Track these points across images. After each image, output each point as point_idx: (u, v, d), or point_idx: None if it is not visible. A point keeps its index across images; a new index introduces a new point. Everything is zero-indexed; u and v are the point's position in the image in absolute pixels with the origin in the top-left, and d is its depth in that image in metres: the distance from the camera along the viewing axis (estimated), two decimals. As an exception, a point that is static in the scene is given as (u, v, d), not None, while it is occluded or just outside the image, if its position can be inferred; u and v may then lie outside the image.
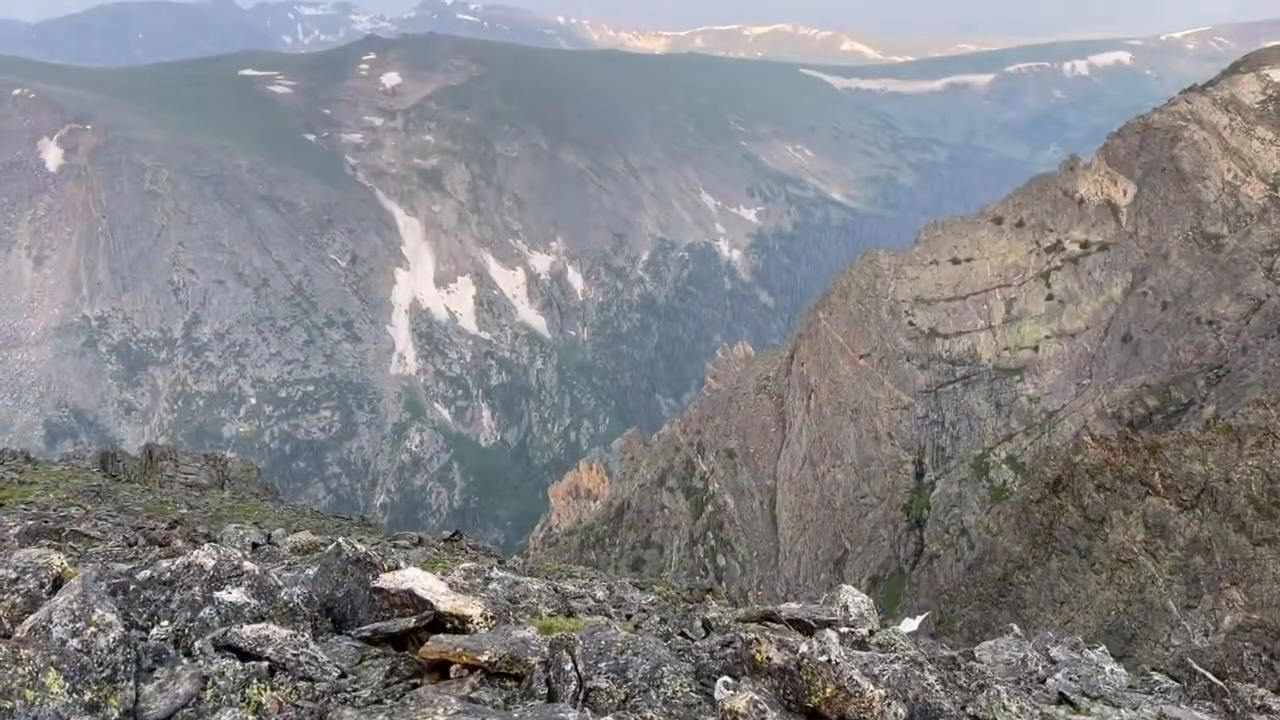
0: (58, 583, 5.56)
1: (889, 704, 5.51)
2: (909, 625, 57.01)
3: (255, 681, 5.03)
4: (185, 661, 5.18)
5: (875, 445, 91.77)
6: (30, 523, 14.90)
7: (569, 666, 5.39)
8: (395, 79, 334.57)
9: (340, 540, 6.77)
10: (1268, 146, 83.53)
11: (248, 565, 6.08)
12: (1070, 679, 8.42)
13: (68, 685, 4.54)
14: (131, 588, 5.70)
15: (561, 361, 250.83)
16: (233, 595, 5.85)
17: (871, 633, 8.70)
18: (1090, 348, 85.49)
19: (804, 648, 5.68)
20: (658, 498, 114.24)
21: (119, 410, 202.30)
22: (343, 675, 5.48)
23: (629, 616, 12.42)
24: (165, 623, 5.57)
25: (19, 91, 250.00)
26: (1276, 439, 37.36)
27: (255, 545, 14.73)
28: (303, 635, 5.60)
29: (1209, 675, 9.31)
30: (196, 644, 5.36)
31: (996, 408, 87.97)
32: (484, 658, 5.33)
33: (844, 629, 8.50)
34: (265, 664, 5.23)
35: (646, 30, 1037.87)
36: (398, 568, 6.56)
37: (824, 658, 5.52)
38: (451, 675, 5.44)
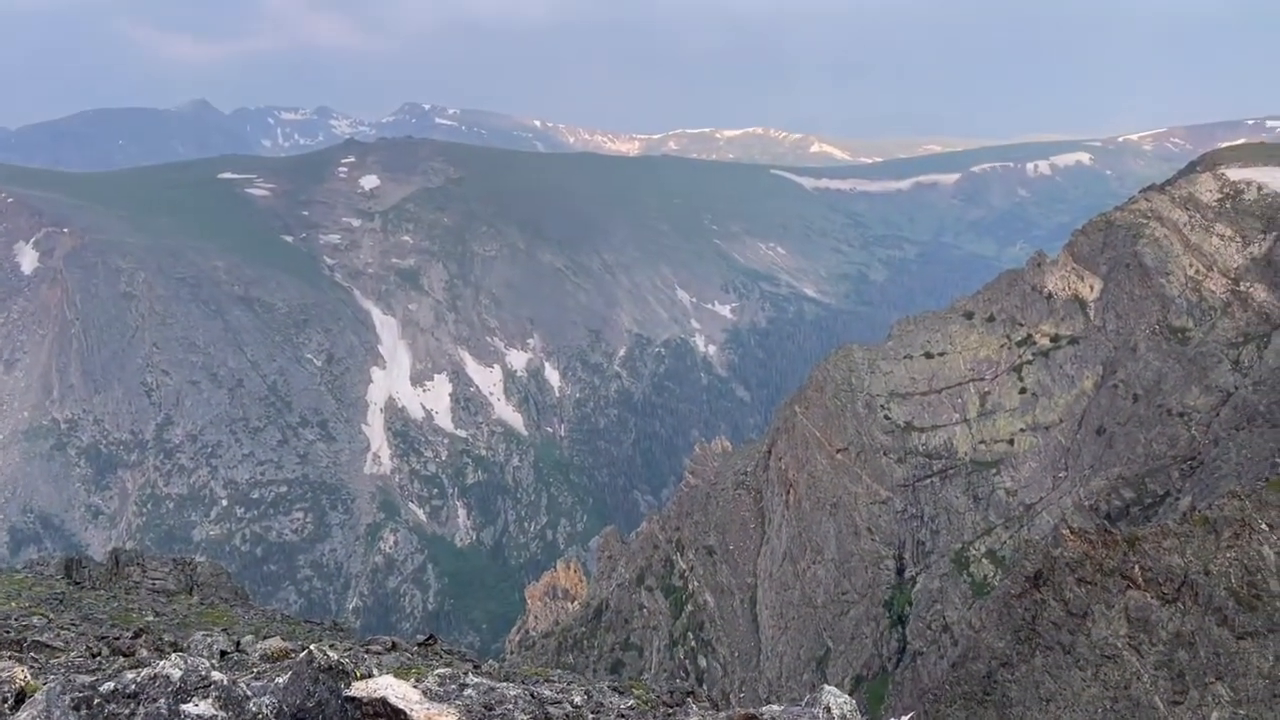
0: (20, 697, 5.41)
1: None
2: (894, 726, 55.84)
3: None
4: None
5: (855, 540, 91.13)
6: (-10, 633, 14.48)
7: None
8: (374, 181, 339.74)
9: (312, 647, 6.63)
10: (1227, 243, 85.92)
11: (215, 675, 5.94)
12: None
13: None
14: (96, 701, 5.55)
15: (538, 459, 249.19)
16: (199, 708, 5.70)
17: (854, 736, 8.53)
18: (1065, 440, 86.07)
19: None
20: (636, 597, 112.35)
21: (86, 514, 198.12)
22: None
23: (607, 722, 12.13)
24: (129, 738, 5.41)
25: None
26: (1253, 531, 37.48)
27: (224, 653, 14.35)
28: (271, 748, 5.46)
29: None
30: (161, 760, 5.21)
31: (974, 501, 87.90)
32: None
33: (826, 732, 8.33)
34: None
35: (621, 134, 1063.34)
36: (370, 675, 6.44)
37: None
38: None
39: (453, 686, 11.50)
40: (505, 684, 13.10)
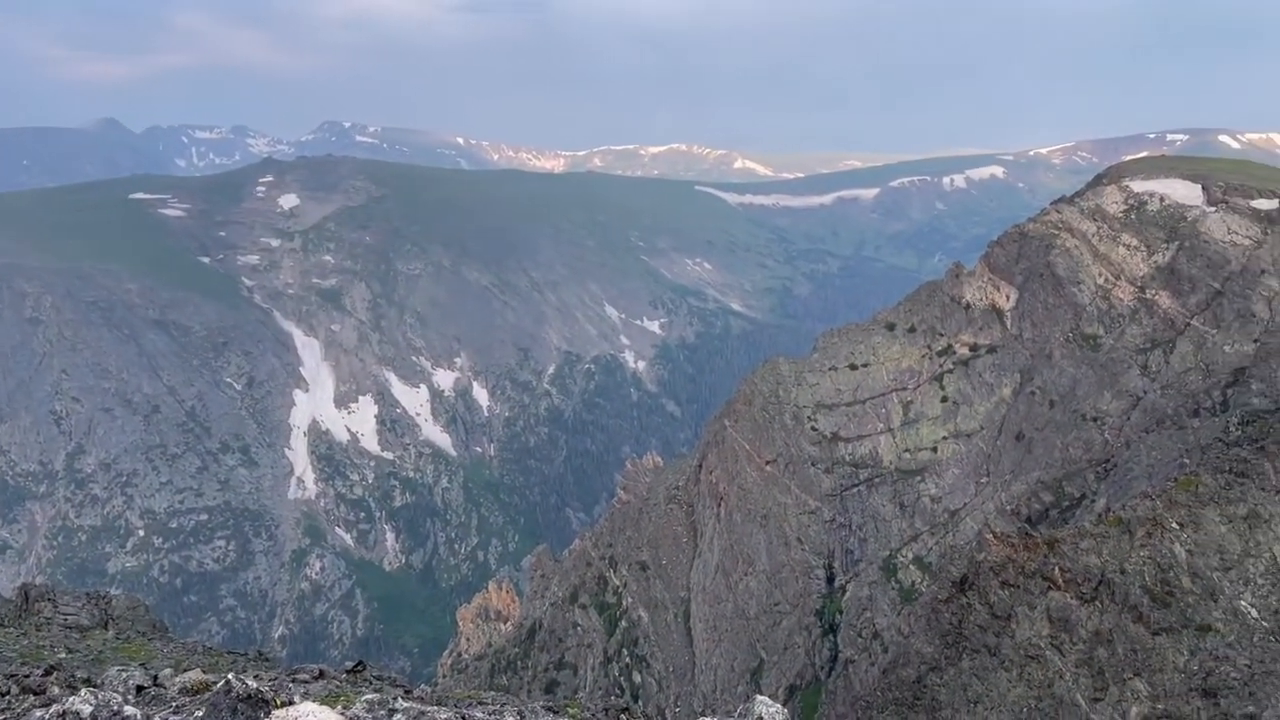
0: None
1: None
2: (828, 735, 56.37)
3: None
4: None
5: (786, 551, 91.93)
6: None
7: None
8: (293, 200, 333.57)
9: (230, 677, 6.43)
10: (1133, 252, 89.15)
11: (129, 710, 5.72)
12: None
13: None
14: (-2, 743, 5.30)
15: (468, 479, 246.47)
16: (112, 744, 5.47)
17: (787, 744, 8.57)
18: (986, 447, 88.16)
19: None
20: (570, 615, 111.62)
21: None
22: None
23: (541, 742, 12.03)
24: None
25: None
26: (1164, 529, 38.79)
27: (140, 688, 13.82)
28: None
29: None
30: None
31: (901, 509, 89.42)
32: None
33: (759, 742, 8.36)
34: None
35: (546, 151, 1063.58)
36: (291, 703, 6.26)
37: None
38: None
39: (381, 713, 11.26)
40: (436, 708, 12.87)
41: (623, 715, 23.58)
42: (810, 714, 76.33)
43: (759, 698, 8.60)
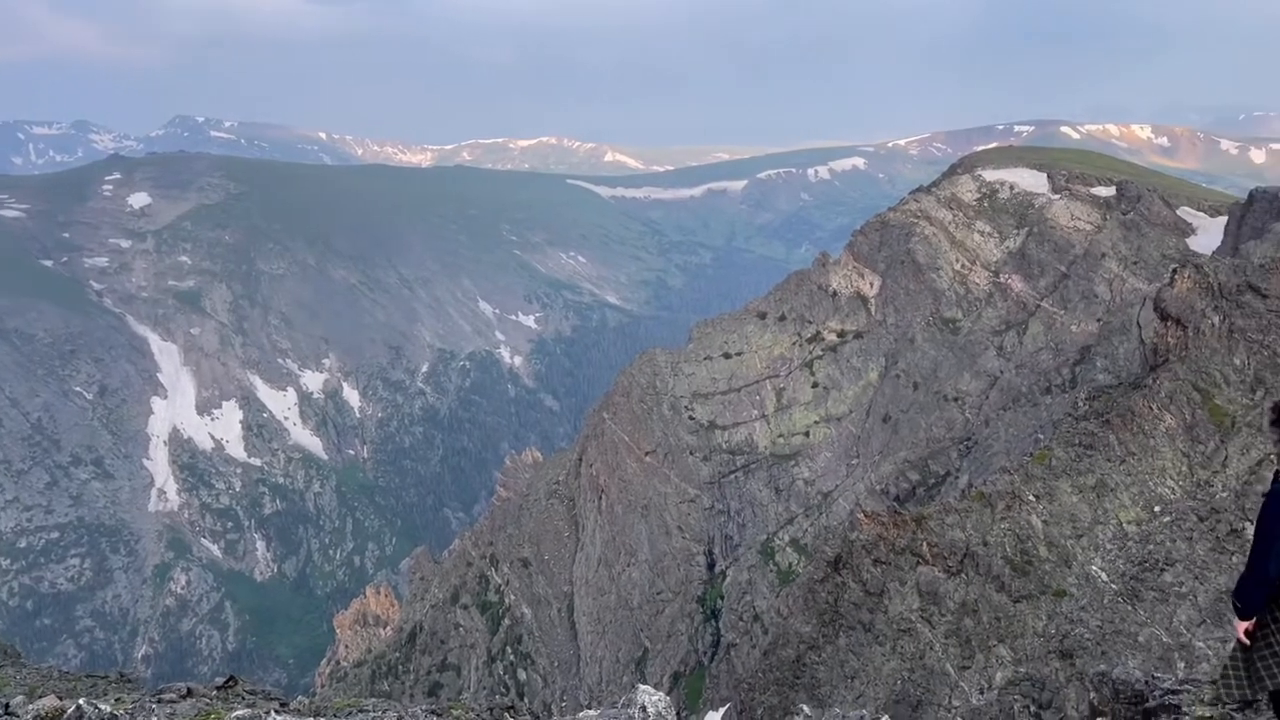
0: None
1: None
2: (712, 719, 57.18)
3: None
4: None
5: (667, 540, 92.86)
6: None
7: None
8: (144, 199, 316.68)
9: (81, 701, 6.02)
10: (987, 238, 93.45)
11: (-33, 749, 5.27)
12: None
13: None
14: None
15: (341, 483, 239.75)
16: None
17: (673, 733, 8.60)
18: (855, 429, 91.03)
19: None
20: (452, 617, 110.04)
21: None
22: None
23: (424, 749, 11.76)
24: None
25: None
26: (1022, 502, 40.82)
27: (-15, 722, 12.87)
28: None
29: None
30: None
31: (776, 493, 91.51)
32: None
33: (646, 733, 8.36)
34: None
35: (412, 145, 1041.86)
36: (153, 729, 5.90)
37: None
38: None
39: (254, 730, 10.79)
40: (314, 719, 12.42)
41: (507, 714, 23.33)
42: (695, 699, 77.40)
43: (642, 687, 8.59)
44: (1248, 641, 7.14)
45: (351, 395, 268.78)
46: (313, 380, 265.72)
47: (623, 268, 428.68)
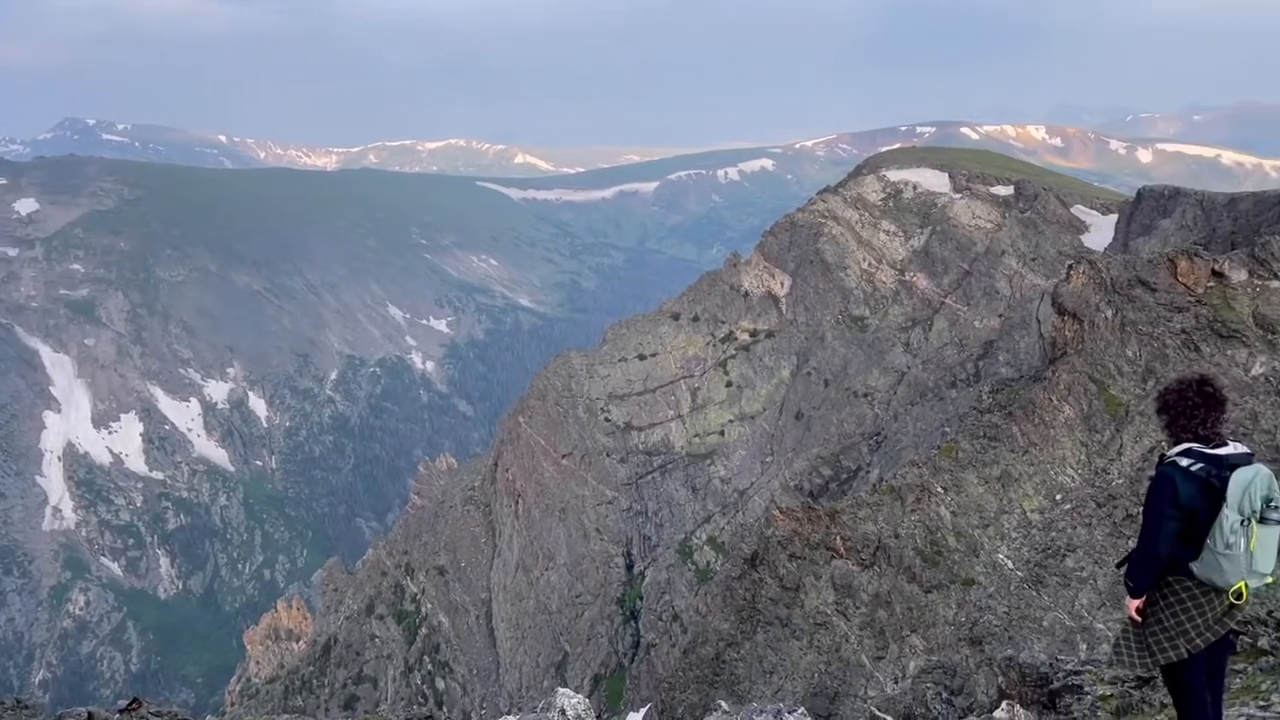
0: None
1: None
2: (633, 719, 57.23)
3: None
4: None
5: (585, 543, 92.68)
6: None
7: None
8: (31, 205, 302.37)
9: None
10: (892, 238, 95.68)
11: None
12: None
13: None
14: None
15: (248, 495, 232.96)
16: None
17: (594, 739, 8.52)
18: (769, 427, 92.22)
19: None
20: (367, 628, 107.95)
21: None
22: None
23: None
24: None
25: None
26: (931, 494, 41.86)
27: None
28: None
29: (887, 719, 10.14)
30: None
31: (693, 492, 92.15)
32: None
33: (566, 741, 8.27)
34: None
35: (317, 148, 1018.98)
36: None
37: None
38: None
39: (156, 757, 10.34)
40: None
41: (426, 726, 22.97)
42: (616, 701, 77.39)
43: (561, 690, 8.50)
44: (1139, 619, 7.45)
45: (258, 405, 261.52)
46: (217, 390, 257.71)
47: (535, 270, 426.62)
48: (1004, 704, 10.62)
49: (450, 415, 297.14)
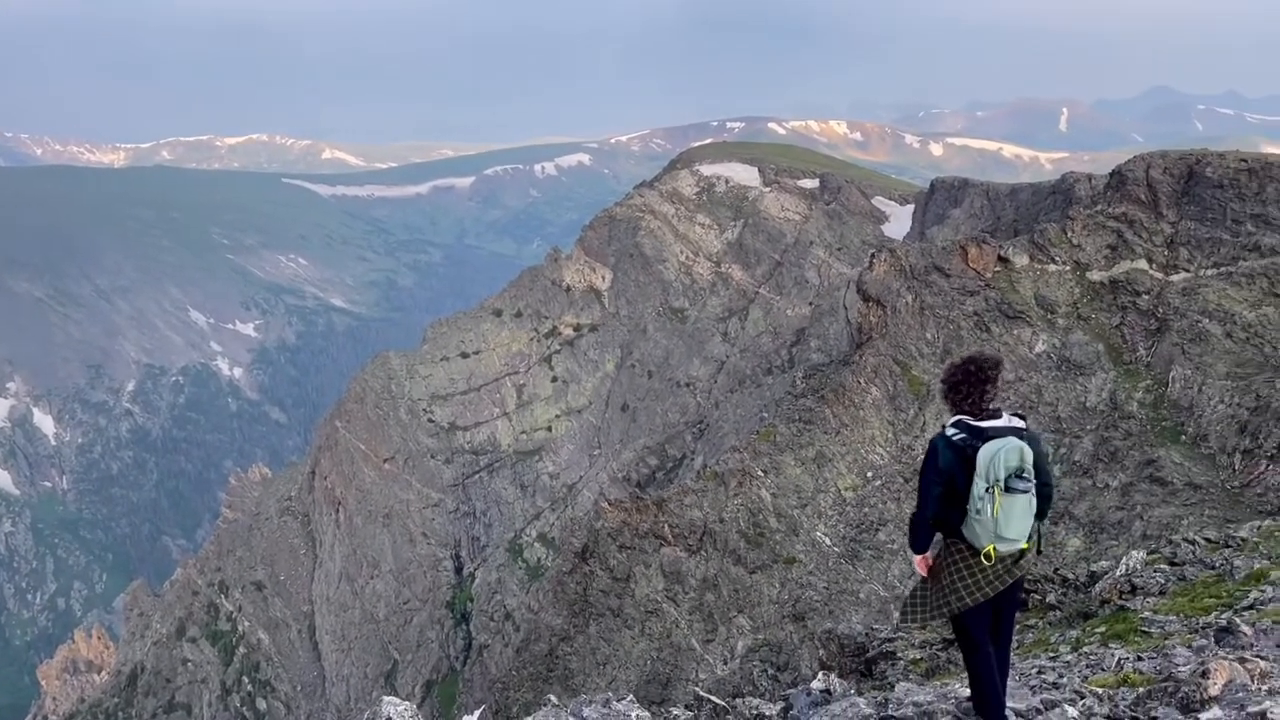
0: None
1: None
2: (469, 723, 56.41)
3: None
4: None
5: (411, 548, 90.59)
6: None
7: None
8: None
9: None
10: (707, 230, 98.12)
11: None
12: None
13: None
14: None
15: (36, 519, 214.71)
16: None
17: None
18: (596, 420, 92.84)
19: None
20: (178, 652, 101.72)
21: None
22: None
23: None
24: None
25: None
26: (752, 478, 43.22)
27: None
28: None
29: (713, 699, 10.43)
30: None
31: (522, 489, 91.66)
32: None
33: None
34: None
35: (102, 144, 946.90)
36: None
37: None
38: None
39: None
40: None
41: (248, 751, 21.91)
42: (449, 705, 76.12)
43: (386, 699, 8.21)
44: (925, 574, 8.08)
45: (44, 421, 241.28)
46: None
47: (348, 269, 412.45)
48: (820, 674, 11.06)
49: (262, 423, 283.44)
